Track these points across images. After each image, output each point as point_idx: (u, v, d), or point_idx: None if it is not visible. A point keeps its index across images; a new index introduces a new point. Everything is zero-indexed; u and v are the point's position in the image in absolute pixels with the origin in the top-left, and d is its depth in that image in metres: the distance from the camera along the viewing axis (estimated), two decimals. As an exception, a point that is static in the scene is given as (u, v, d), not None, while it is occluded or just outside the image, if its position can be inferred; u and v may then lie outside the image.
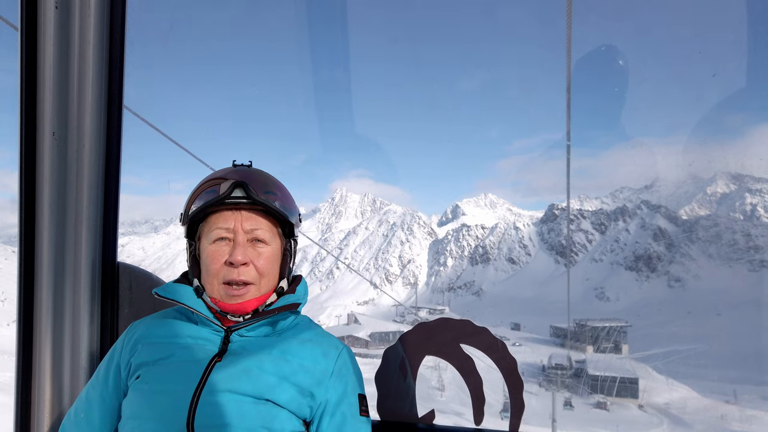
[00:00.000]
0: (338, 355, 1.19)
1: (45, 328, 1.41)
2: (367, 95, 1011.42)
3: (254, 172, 1.19)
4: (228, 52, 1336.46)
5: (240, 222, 1.13)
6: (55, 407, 1.43)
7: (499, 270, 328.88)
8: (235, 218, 1.13)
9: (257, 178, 1.16)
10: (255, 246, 1.15)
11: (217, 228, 1.14)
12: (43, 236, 1.39)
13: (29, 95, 1.34)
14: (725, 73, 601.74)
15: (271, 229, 1.18)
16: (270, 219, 1.18)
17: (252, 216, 1.15)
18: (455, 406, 52.27)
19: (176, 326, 1.17)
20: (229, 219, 1.13)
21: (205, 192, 1.14)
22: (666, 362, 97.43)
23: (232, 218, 1.13)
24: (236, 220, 1.13)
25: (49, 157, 1.36)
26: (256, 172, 1.19)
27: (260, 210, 1.16)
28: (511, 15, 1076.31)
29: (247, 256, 1.12)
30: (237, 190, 1.12)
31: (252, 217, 1.15)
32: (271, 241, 1.18)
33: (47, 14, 1.30)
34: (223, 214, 1.14)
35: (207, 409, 1.02)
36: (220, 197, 1.11)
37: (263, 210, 1.16)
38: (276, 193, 1.17)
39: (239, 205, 1.14)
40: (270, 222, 1.18)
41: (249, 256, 1.13)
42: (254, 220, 1.15)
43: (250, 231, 1.14)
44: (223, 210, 1.14)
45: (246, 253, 1.12)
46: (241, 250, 1.11)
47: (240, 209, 1.14)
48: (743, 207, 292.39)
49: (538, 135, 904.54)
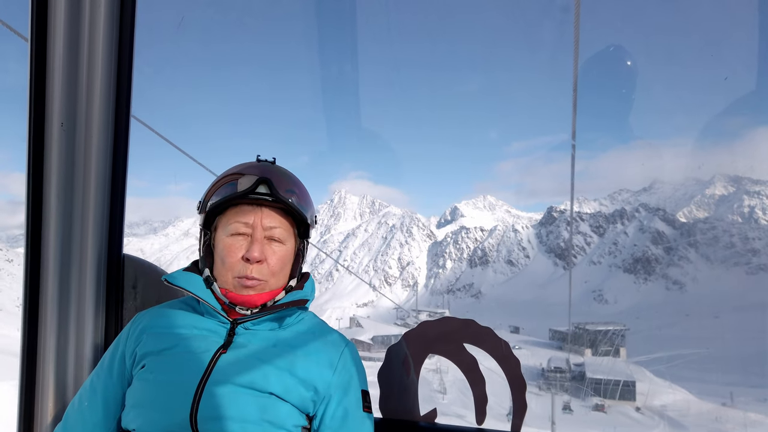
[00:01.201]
0: (342, 351, 1.19)
1: (50, 319, 1.42)
2: (369, 97, 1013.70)
3: (278, 169, 1.18)
4: (231, 54, 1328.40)
5: (260, 218, 1.13)
6: (58, 397, 1.44)
7: (498, 272, 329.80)
8: (256, 214, 1.13)
9: (281, 176, 1.16)
10: (271, 244, 1.15)
11: (236, 222, 1.13)
12: (50, 227, 1.40)
13: (38, 85, 1.35)
14: (735, 76, 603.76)
15: (288, 228, 1.18)
16: (288, 218, 1.17)
17: (272, 214, 1.14)
18: (457, 408, 53.19)
19: (182, 317, 1.17)
20: (249, 214, 1.13)
21: (228, 185, 1.13)
22: (664, 365, 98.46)
23: (252, 214, 1.13)
24: (256, 216, 1.13)
25: (57, 149, 1.37)
26: (280, 169, 1.19)
27: (280, 208, 1.15)
28: (513, 19, 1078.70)
29: (263, 253, 1.12)
30: (261, 186, 1.11)
31: (272, 215, 1.14)
32: (287, 240, 1.17)
33: (58, 4, 1.31)
34: (244, 208, 1.13)
35: (211, 400, 1.02)
36: (245, 191, 1.10)
37: (283, 209, 1.16)
38: (296, 191, 1.17)
39: (261, 201, 1.13)
40: (288, 221, 1.17)
41: (265, 253, 1.13)
42: (274, 218, 1.14)
43: (268, 228, 1.14)
44: (244, 204, 1.14)
45: (263, 250, 1.12)
46: (258, 247, 1.11)
47: (261, 206, 1.13)
48: (741, 209, 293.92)
49: (537, 137, 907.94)
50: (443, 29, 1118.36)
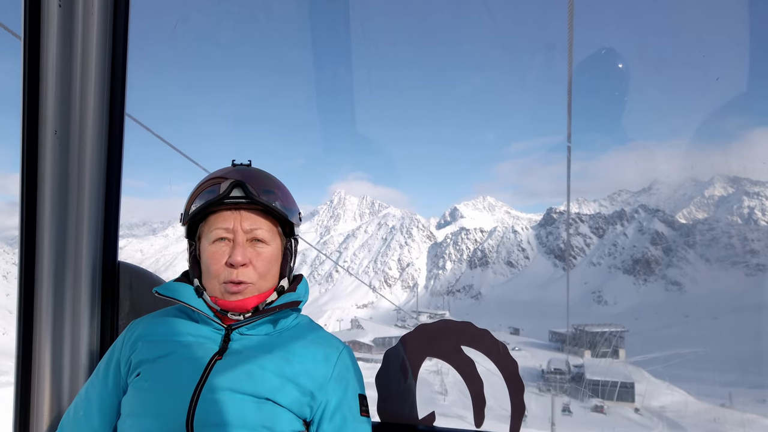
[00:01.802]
0: (339, 355, 1.19)
1: (45, 326, 1.41)
2: (367, 98, 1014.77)
3: (253, 171, 1.18)
4: (227, 55, 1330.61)
5: (239, 222, 1.13)
6: (54, 405, 1.43)
7: (497, 273, 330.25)
8: (235, 218, 1.13)
9: (256, 178, 1.16)
10: (255, 246, 1.15)
11: (217, 228, 1.13)
12: (44, 234, 1.39)
13: (32, 92, 1.33)
14: (728, 76, 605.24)
15: (271, 228, 1.17)
16: (270, 218, 1.17)
17: (251, 216, 1.14)
18: (457, 409, 53.90)
19: (177, 324, 1.16)
20: (228, 219, 1.13)
21: (205, 192, 1.14)
22: (663, 366, 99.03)
23: (231, 218, 1.13)
24: (235, 220, 1.13)
25: (50, 155, 1.36)
26: (255, 171, 1.19)
27: (260, 209, 1.15)
28: (510, 19, 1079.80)
29: (247, 256, 1.12)
30: (236, 189, 1.11)
31: (251, 217, 1.14)
32: (271, 240, 1.17)
33: (51, 12, 1.31)
34: (223, 214, 1.14)
35: (207, 407, 1.02)
36: (219, 197, 1.11)
37: (263, 209, 1.15)
38: (275, 192, 1.17)
39: (238, 204, 1.13)
40: (270, 221, 1.17)
41: (248, 256, 1.13)
42: (253, 220, 1.14)
43: (249, 231, 1.13)
44: (223, 210, 1.14)
45: (245, 253, 1.12)
46: (240, 251, 1.11)
47: (239, 209, 1.13)
48: (741, 210, 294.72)
49: (536, 138, 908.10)
50: (439, 31, 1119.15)
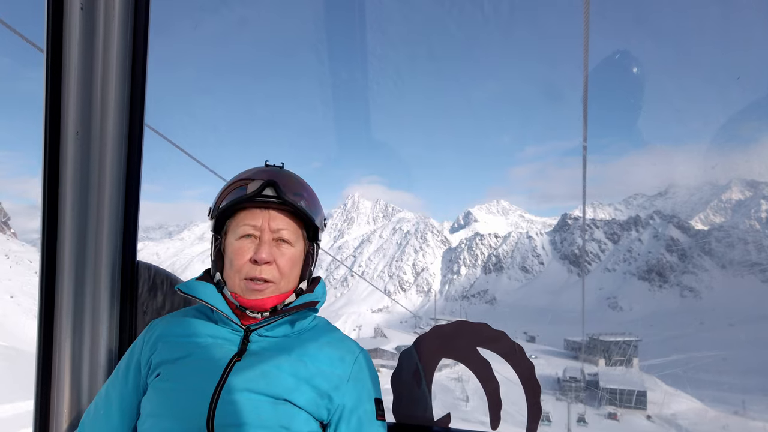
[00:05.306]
0: (355, 359, 1.20)
1: (65, 325, 1.43)
2: (382, 103, 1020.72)
3: (285, 173, 1.22)
4: (241, 60, 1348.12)
5: (267, 221, 1.16)
6: (74, 403, 1.45)
7: (512, 279, 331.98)
8: (263, 217, 1.16)
9: (288, 179, 1.19)
10: (279, 246, 1.17)
11: (245, 224, 1.16)
12: (65, 235, 1.41)
13: (54, 92, 1.36)
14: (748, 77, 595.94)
15: (297, 230, 1.20)
16: (296, 220, 1.20)
17: (279, 216, 1.17)
18: (479, 415, 57.41)
19: (196, 325, 1.19)
20: (257, 217, 1.16)
21: (237, 189, 1.17)
22: (676, 372, 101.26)
23: (260, 216, 1.16)
24: (264, 218, 1.16)
25: (72, 155, 1.39)
26: (287, 173, 1.22)
27: (288, 211, 1.18)
28: (525, 24, 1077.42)
29: (272, 254, 1.15)
30: (268, 189, 1.15)
31: (279, 217, 1.17)
32: (296, 242, 1.20)
33: (73, 14, 1.33)
34: (252, 211, 1.16)
35: (226, 407, 1.04)
36: (251, 194, 1.14)
37: (291, 211, 1.18)
38: (304, 195, 1.20)
39: (268, 204, 1.16)
40: (296, 224, 1.20)
41: (273, 255, 1.15)
42: (281, 220, 1.17)
43: (276, 230, 1.16)
44: (252, 208, 1.17)
45: (271, 251, 1.15)
46: (266, 249, 1.14)
47: (269, 208, 1.16)
48: (759, 215, 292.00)
49: (551, 142, 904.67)
50: (455, 36, 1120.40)
